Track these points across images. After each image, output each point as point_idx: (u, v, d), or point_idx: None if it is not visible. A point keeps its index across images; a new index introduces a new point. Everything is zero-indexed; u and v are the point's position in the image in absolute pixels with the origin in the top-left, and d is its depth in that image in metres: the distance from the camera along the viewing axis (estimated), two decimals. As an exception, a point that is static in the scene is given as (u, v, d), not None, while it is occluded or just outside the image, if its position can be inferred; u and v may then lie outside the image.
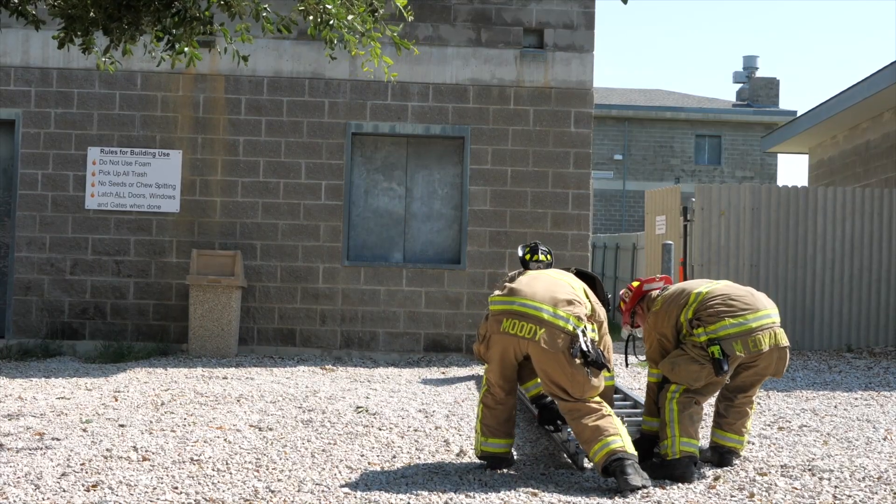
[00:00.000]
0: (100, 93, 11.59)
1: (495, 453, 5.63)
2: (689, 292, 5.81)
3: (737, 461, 5.90)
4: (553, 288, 5.47)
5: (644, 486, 5.13)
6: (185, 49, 6.30)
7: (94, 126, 11.58)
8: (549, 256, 6.02)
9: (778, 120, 31.58)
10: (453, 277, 11.65)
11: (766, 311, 5.63)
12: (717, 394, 5.92)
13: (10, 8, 6.52)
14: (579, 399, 5.31)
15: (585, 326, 5.37)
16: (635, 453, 5.23)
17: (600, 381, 5.38)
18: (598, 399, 5.37)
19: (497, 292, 5.59)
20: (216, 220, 11.59)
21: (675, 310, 5.78)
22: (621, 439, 5.18)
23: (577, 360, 5.25)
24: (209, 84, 11.62)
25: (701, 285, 5.86)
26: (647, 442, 5.89)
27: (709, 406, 6.75)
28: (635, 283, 6.24)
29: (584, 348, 5.27)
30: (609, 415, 5.30)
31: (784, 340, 5.69)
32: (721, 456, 5.86)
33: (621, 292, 6.37)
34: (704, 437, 6.23)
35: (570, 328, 5.31)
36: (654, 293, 6.06)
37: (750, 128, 32.93)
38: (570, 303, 5.40)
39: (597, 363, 5.27)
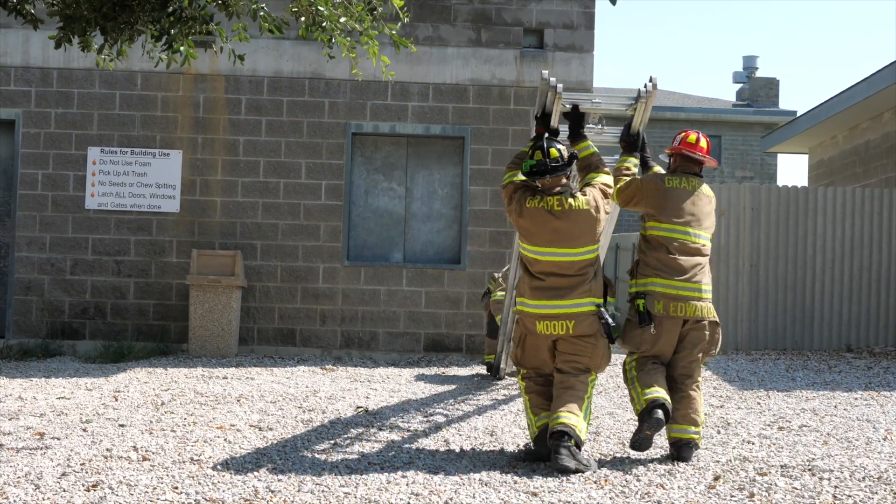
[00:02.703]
0: (100, 93, 11.59)
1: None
2: (668, 218, 6.03)
3: (695, 455, 5.91)
4: (574, 271, 5.83)
5: (577, 471, 5.48)
6: (181, 48, 6.30)
7: (95, 126, 11.58)
8: (562, 151, 5.97)
9: (778, 120, 31.56)
10: (453, 277, 11.65)
11: (695, 285, 5.95)
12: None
13: (8, 7, 6.52)
14: (586, 371, 5.84)
15: (605, 300, 5.94)
16: (583, 440, 5.62)
17: (610, 353, 5.92)
18: (584, 385, 5.83)
19: (525, 293, 5.90)
20: (216, 220, 11.59)
21: (650, 199, 6.09)
22: (580, 420, 5.63)
23: (603, 338, 5.84)
24: (209, 84, 11.62)
25: (677, 225, 6.03)
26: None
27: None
28: (692, 139, 6.20)
29: (609, 322, 5.83)
30: (589, 397, 5.80)
31: (711, 315, 6.01)
32: (679, 449, 5.91)
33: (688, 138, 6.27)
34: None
35: (594, 308, 5.83)
36: (662, 172, 6.30)
37: (750, 128, 32.92)
38: (583, 280, 5.82)
39: (610, 335, 5.84)
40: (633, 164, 6.42)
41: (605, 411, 7.72)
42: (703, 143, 6.19)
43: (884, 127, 14.96)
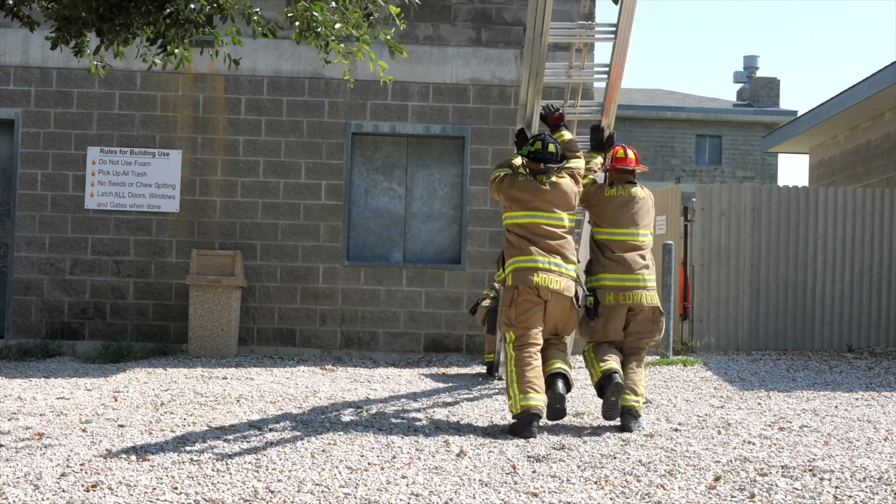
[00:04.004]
0: (99, 92, 11.58)
1: (536, 406, 6.57)
2: (608, 224, 7.16)
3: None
4: (560, 233, 6.89)
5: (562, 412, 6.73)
6: (176, 51, 6.29)
7: (94, 126, 11.57)
8: (557, 149, 7.07)
9: (778, 120, 31.57)
10: (453, 277, 11.64)
11: (639, 276, 7.02)
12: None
13: (5, 8, 6.52)
14: (559, 335, 7.00)
15: (578, 270, 7.02)
16: (572, 384, 6.92)
17: (577, 319, 7.02)
18: (564, 345, 7.07)
19: (522, 252, 6.82)
20: (216, 220, 11.58)
21: (593, 208, 7.28)
22: (569, 369, 6.89)
23: (578, 305, 6.94)
24: (209, 84, 11.61)
25: (616, 229, 7.13)
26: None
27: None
28: (621, 154, 7.29)
29: (584, 290, 7.06)
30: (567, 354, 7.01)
31: (654, 301, 7.06)
32: (622, 416, 6.81)
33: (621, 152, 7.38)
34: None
35: (576, 275, 6.90)
36: (601, 179, 7.43)
37: (750, 128, 32.92)
38: (567, 243, 6.89)
39: (579, 300, 6.97)
40: (598, 161, 7.55)
41: (605, 411, 7.71)
42: (631, 154, 7.31)
43: (885, 127, 14.95)
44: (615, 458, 5.98)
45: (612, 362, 6.87)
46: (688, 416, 7.52)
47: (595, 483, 5.32)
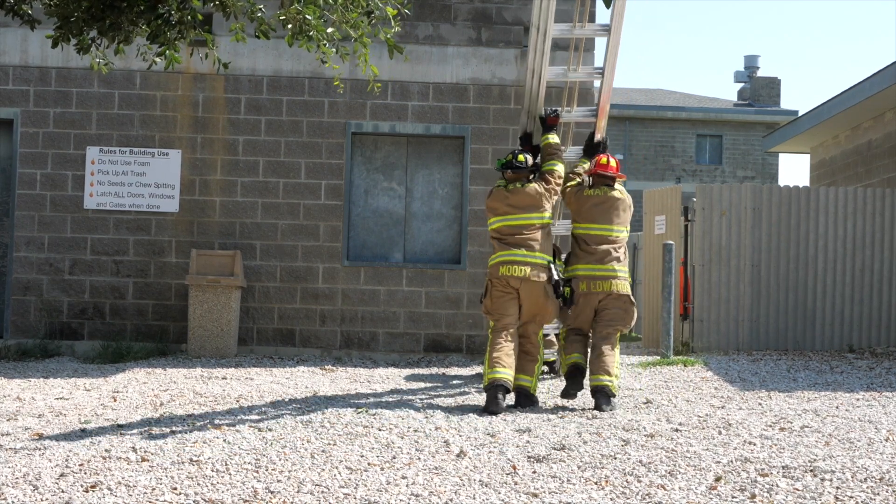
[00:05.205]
0: (99, 92, 11.56)
1: (501, 378, 7.48)
2: (584, 219, 8.04)
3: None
4: (526, 231, 7.78)
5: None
6: (167, 51, 6.29)
7: (93, 125, 11.56)
8: (527, 158, 8.03)
9: (779, 119, 31.56)
10: (453, 277, 11.62)
11: (609, 266, 7.84)
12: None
13: (5, 7, 6.51)
14: (535, 330, 7.83)
15: (552, 260, 7.85)
16: (534, 389, 7.86)
17: (556, 308, 7.81)
18: (539, 339, 7.89)
19: (495, 250, 7.83)
20: (215, 219, 11.57)
21: (571, 204, 8.17)
22: (532, 379, 7.83)
23: (552, 292, 7.72)
24: (209, 83, 11.59)
25: (591, 223, 7.97)
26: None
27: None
28: (604, 161, 8.13)
29: (557, 277, 7.78)
30: (540, 354, 7.89)
31: (624, 290, 7.84)
32: (596, 394, 7.66)
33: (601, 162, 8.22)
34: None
35: (546, 263, 7.75)
36: (586, 183, 8.28)
37: (751, 127, 32.90)
38: (536, 238, 7.74)
39: (557, 289, 7.74)
40: (586, 166, 8.41)
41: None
42: (613, 162, 8.18)
43: (886, 126, 14.93)
44: (615, 458, 5.96)
45: (578, 356, 7.96)
46: (688, 417, 7.50)
47: (595, 483, 5.31)
